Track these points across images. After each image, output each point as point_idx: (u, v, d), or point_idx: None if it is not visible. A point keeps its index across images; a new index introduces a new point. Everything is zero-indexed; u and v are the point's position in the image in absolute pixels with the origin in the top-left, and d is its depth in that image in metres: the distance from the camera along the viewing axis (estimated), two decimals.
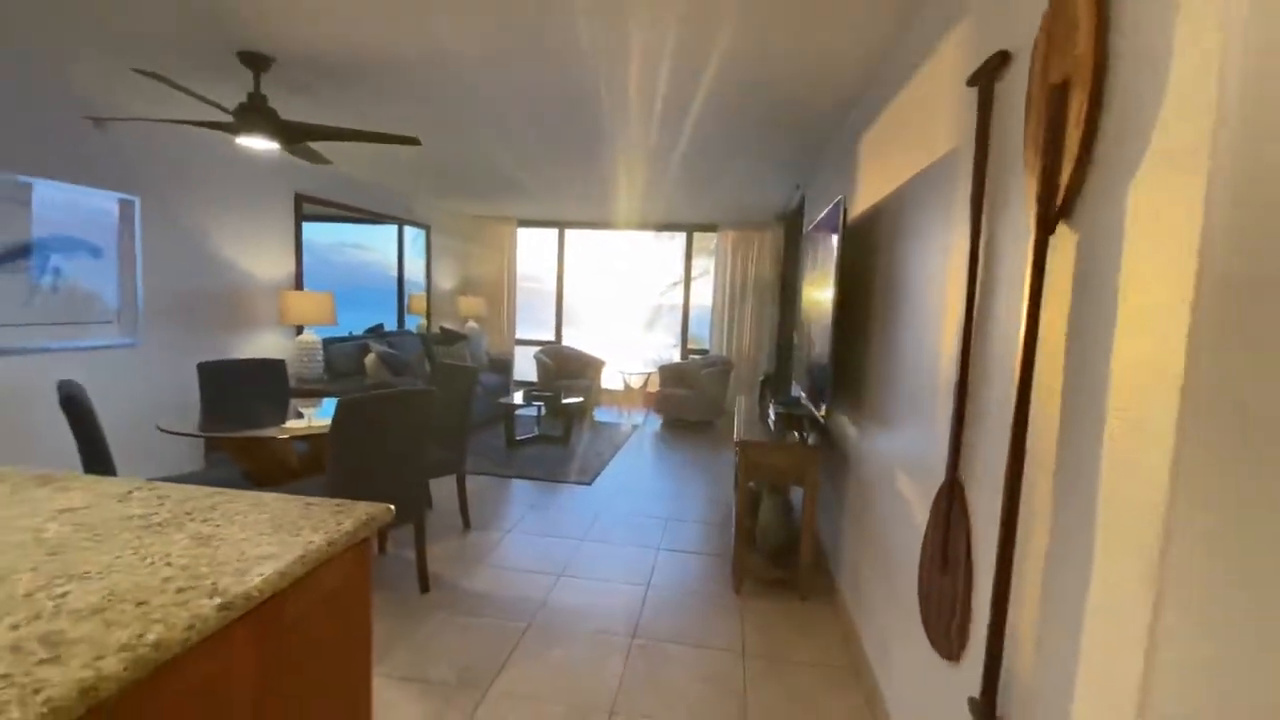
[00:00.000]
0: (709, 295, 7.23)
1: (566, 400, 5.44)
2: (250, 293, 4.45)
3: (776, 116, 3.11)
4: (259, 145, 2.69)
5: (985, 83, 1.30)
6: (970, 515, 1.31)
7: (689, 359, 7.18)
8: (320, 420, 2.79)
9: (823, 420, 2.53)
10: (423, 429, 2.60)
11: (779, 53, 2.27)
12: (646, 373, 7.20)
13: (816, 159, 4.01)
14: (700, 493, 4.30)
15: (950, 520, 1.38)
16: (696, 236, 7.30)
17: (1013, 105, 1.20)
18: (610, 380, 7.31)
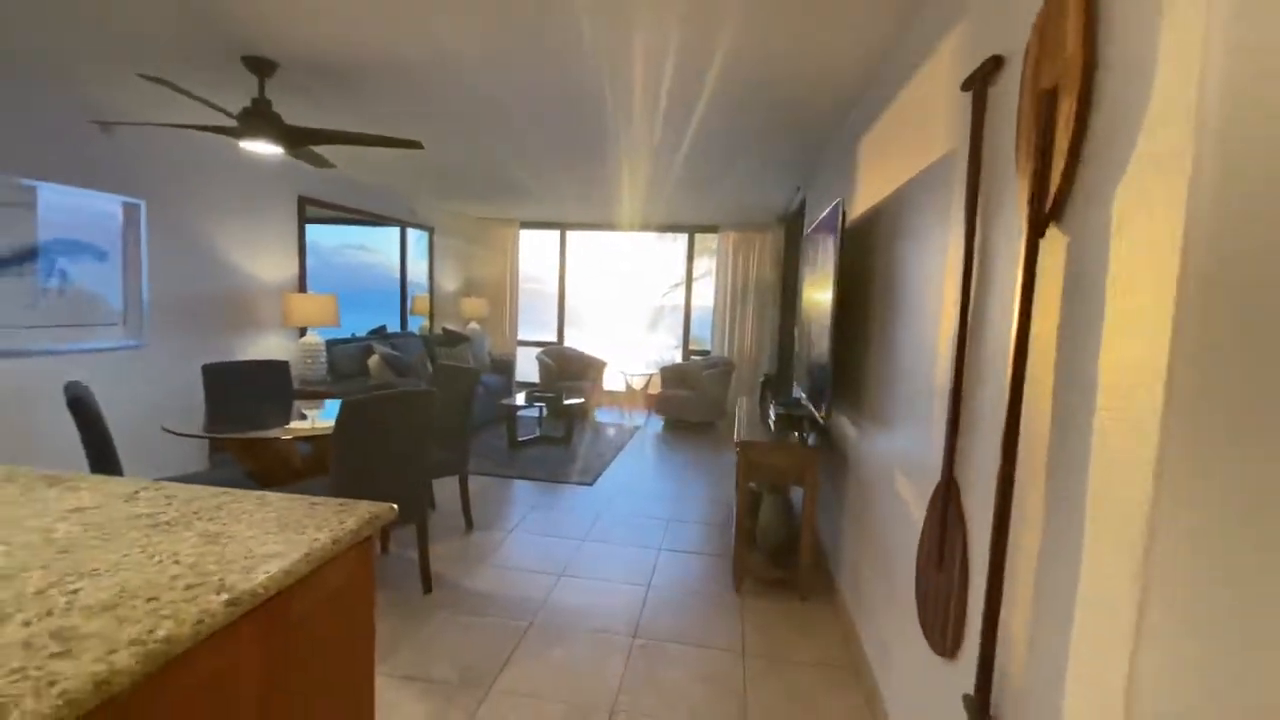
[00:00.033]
0: (711, 296, 7.25)
1: (568, 401, 5.46)
2: (254, 295, 4.48)
3: (777, 117, 3.13)
4: (263, 149, 2.71)
5: (979, 87, 1.32)
6: (965, 515, 1.32)
7: (690, 360, 7.20)
8: (324, 421, 2.82)
9: (822, 421, 2.55)
10: (425, 430, 2.62)
11: (779, 52, 2.28)
12: (648, 374, 7.21)
13: (817, 160, 4.02)
14: (701, 493, 4.31)
15: (946, 520, 1.39)
16: (698, 237, 7.32)
17: (1006, 109, 1.21)
18: (612, 381, 7.33)
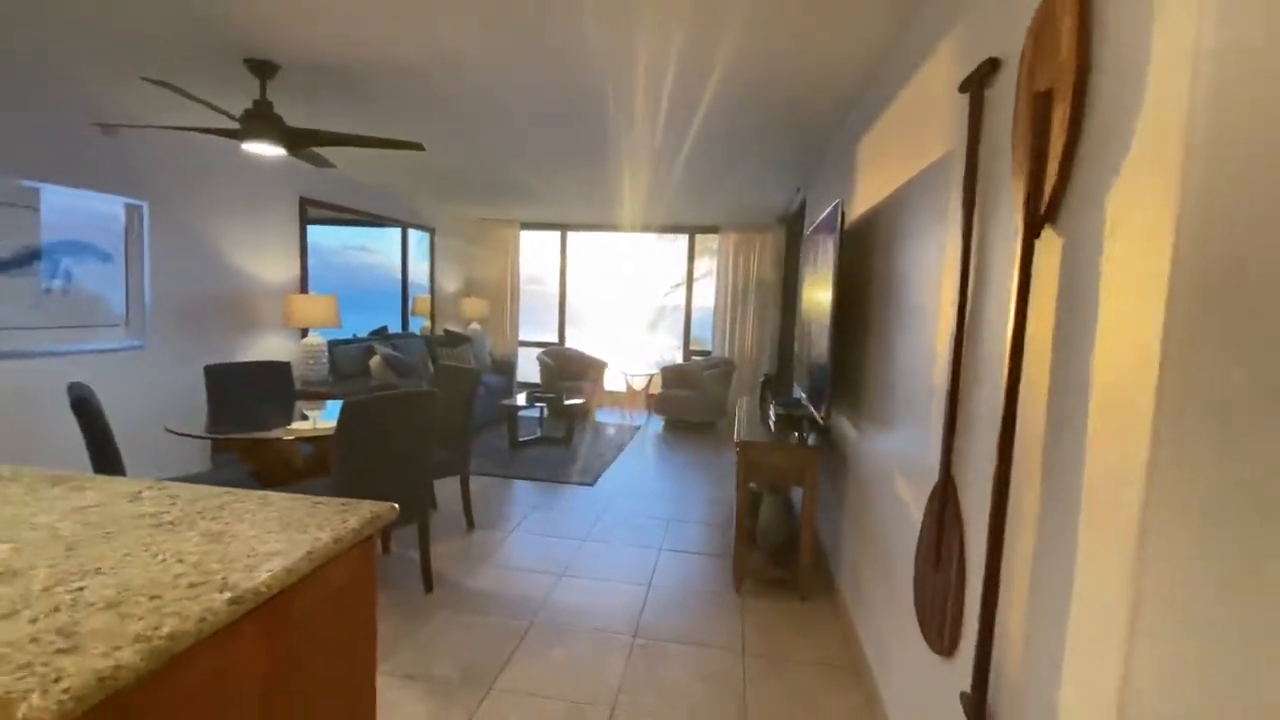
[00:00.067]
0: (711, 297, 7.26)
1: (569, 401, 5.47)
2: (256, 296, 4.49)
3: (778, 118, 3.13)
4: (265, 151, 2.73)
5: (976, 89, 1.33)
6: (963, 515, 1.33)
7: (691, 360, 7.20)
8: (325, 422, 2.83)
9: (822, 421, 2.56)
10: (426, 430, 2.64)
11: (780, 52, 2.28)
12: (649, 374, 7.22)
13: (817, 161, 4.03)
14: (702, 494, 4.32)
15: (944, 519, 1.40)
16: (699, 238, 7.33)
17: (1003, 111, 1.22)
18: (613, 382, 7.34)
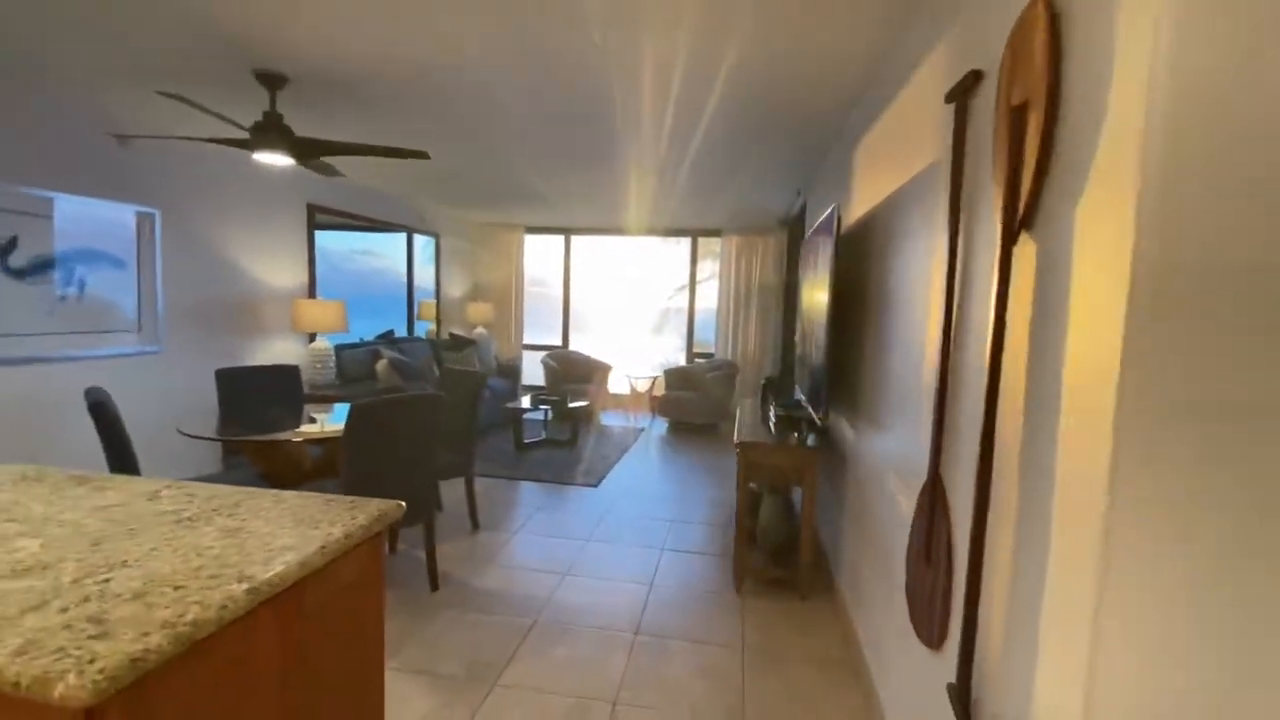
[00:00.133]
0: (714, 299, 7.30)
1: (573, 404, 5.53)
2: (265, 301, 4.57)
3: (778, 120, 3.15)
4: (274, 160, 2.80)
5: (961, 99, 1.37)
6: (950, 512, 1.37)
7: (694, 362, 7.25)
8: (333, 425, 2.89)
9: (820, 422, 2.60)
10: (432, 433, 2.69)
11: (781, 52, 2.28)
12: (652, 376, 7.27)
13: (817, 164, 4.07)
14: (704, 495, 4.36)
15: (933, 517, 1.44)
16: (701, 241, 7.38)
17: (985, 122, 1.27)
18: (617, 384, 7.39)
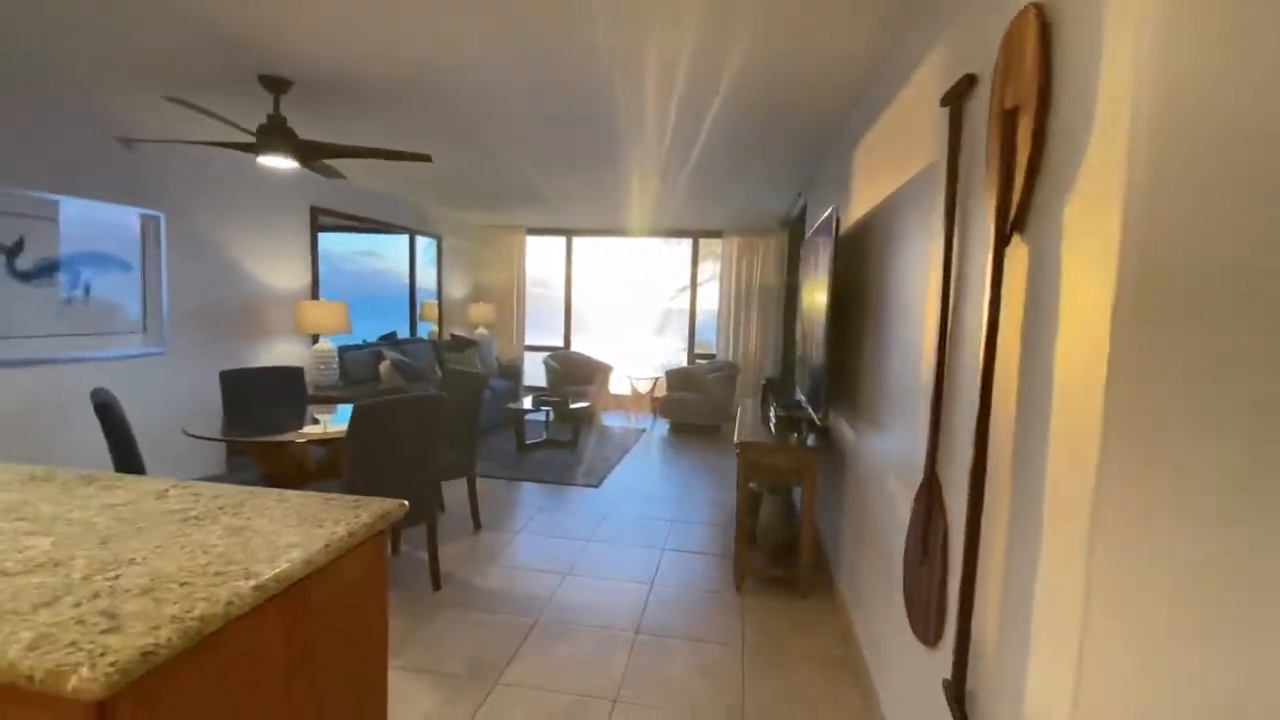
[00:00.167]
0: (715, 300, 7.32)
1: (574, 405, 5.55)
2: (269, 303, 4.60)
3: (779, 121, 3.16)
4: (278, 164, 2.82)
5: (956, 103, 1.39)
6: (946, 510, 1.39)
7: (695, 363, 7.26)
8: (336, 426, 2.91)
9: (820, 422, 2.61)
10: (434, 433, 2.71)
11: (781, 52, 2.29)
12: (654, 377, 7.29)
13: (817, 165, 4.09)
14: (705, 495, 4.37)
15: (929, 515, 1.45)
16: (702, 242, 7.40)
17: (979, 124, 1.28)
18: (618, 385, 7.41)
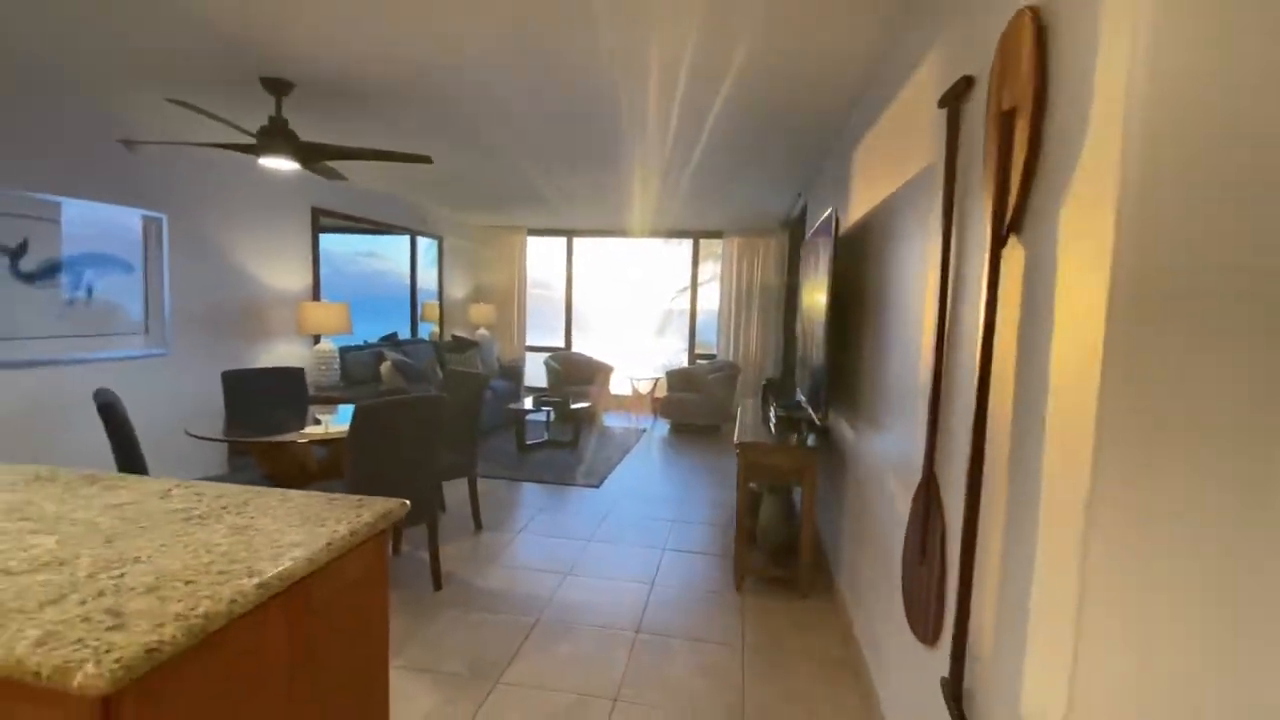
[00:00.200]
0: (716, 300, 7.33)
1: (575, 405, 5.56)
2: (270, 304, 4.62)
3: (780, 121, 3.16)
4: (280, 165, 2.83)
5: (953, 105, 1.40)
6: (944, 511, 1.40)
7: (696, 364, 7.27)
8: (337, 426, 2.92)
9: (819, 423, 2.62)
10: (435, 434, 2.72)
11: (782, 51, 2.29)
12: (654, 378, 7.30)
13: (817, 165, 4.10)
14: (705, 495, 4.38)
15: (927, 515, 1.46)
16: (703, 243, 7.41)
17: (976, 126, 1.29)
18: (619, 385, 7.42)
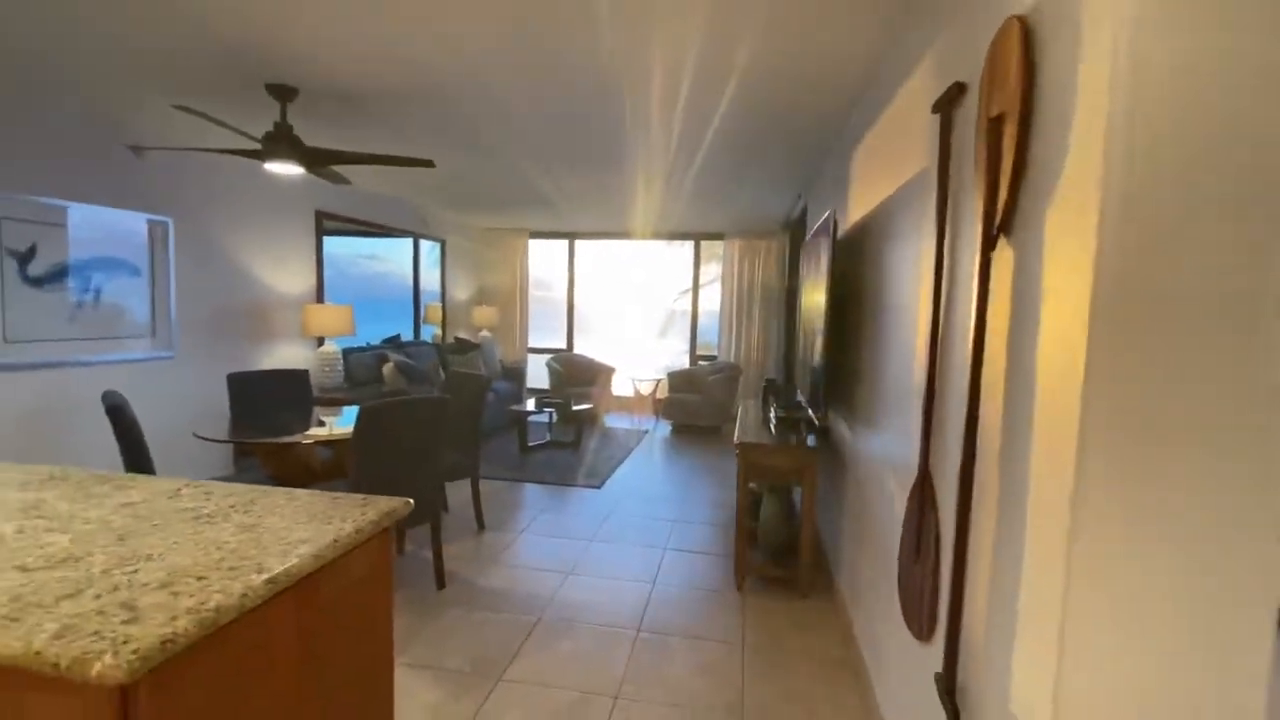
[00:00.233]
0: (718, 302, 7.35)
1: (577, 407, 5.59)
2: (274, 306, 4.66)
3: (780, 123, 3.17)
4: (285, 170, 2.87)
5: (946, 110, 1.42)
6: (939, 509, 1.42)
7: (697, 365, 7.30)
8: (342, 427, 2.95)
9: (818, 423, 2.64)
10: (438, 435, 2.75)
11: (782, 52, 2.31)
12: (656, 379, 7.32)
13: (818, 167, 4.12)
14: (706, 496, 4.40)
15: (923, 513, 1.48)
16: (704, 244, 7.44)
17: (968, 131, 1.31)
18: (620, 387, 7.45)
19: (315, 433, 2.91)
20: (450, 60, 2.44)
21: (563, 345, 7.89)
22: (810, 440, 2.90)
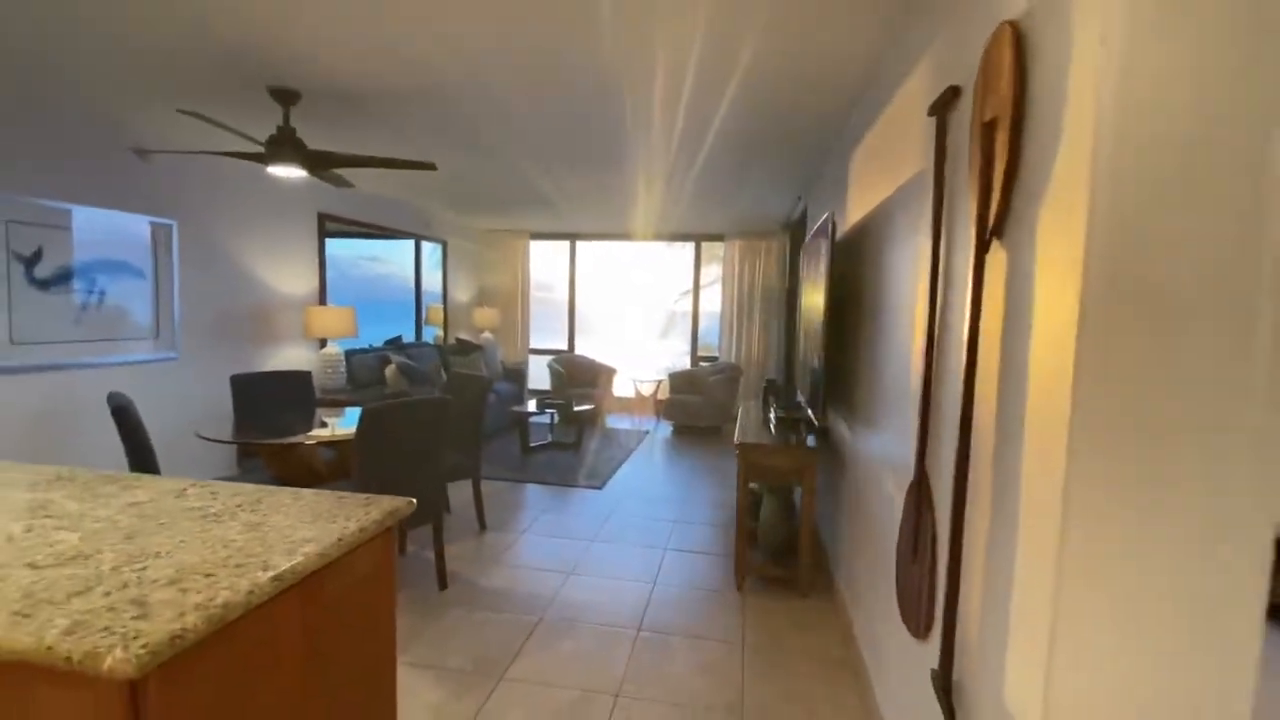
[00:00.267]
0: (718, 303, 7.37)
1: (578, 408, 5.60)
2: (277, 308, 4.68)
3: (780, 124, 3.19)
4: (288, 173, 2.89)
5: (941, 113, 1.44)
6: (935, 508, 1.43)
7: (698, 366, 7.31)
8: (344, 428, 2.97)
9: (818, 423, 2.66)
10: (440, 436, 2.77)
11: (783, 52, 2.32)
12: (657, 380, 7.34)
13: (817, 166, 4.14)
14: (707, 496, 4.42)
15: (919, 513, 1.50)
16: (705, 246, 7.45)
17: (963, 135, 1.33)
18: (621, 388, 7.46)
19: (318, 434, 2.94)
20: (450, 60, 2.46)
21: (564, 346, 7.91)
22: (810, 441, 2.91)
